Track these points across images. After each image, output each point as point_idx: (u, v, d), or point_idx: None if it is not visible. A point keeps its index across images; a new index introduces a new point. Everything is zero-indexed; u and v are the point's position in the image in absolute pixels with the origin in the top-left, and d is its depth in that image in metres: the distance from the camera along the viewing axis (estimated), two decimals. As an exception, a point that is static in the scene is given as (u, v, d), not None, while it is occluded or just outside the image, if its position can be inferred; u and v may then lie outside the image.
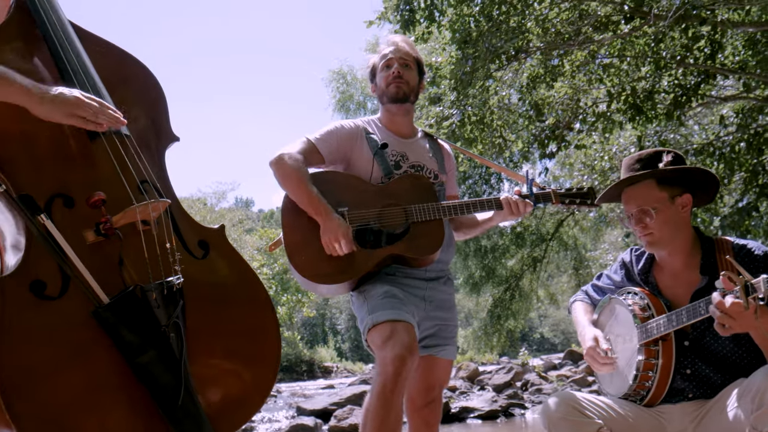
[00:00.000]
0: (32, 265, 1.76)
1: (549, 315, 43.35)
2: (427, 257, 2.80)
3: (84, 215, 1.86)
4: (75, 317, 1.78)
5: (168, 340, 1.82)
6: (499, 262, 19.66)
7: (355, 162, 2.94)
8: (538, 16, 8.55)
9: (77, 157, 1.96)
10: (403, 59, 3.00)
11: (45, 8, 2.05)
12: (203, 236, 2.19)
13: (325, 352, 34.47)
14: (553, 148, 9.58)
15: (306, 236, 2.77)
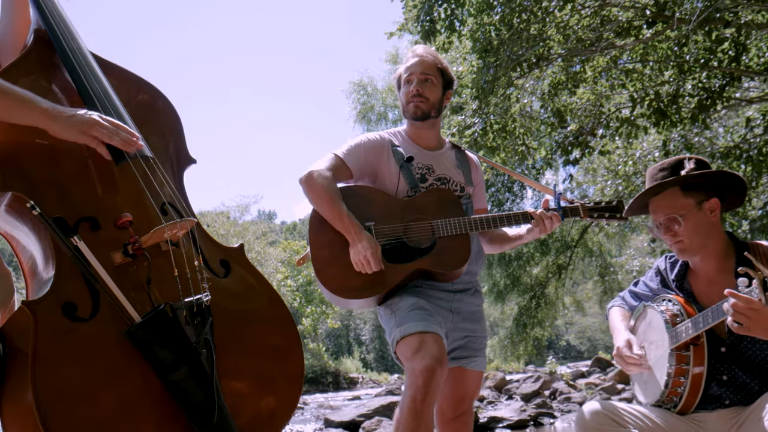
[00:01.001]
0: (63, 287, 1.78)
1: (575, 322, 42.88)
2: (453, 272, 2.79)
3: (110, 238, 1.89)
4: (106, 337, 1.80)
5: (199, 356, 1.83)
6: (524, 269, 19.54)
7: (382, 175, 2.94)
8: (559, 23, 8.53)
9: (102, 180, 1.99)
10: (424, 74, 2.97)
11: (65, 37, 2.08)
12: (224, 255, 2.21)
13: (351, 363, 34.41)
14: (576, 154, 9.53)
15: (333, 251, 2.79)
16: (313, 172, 2.83)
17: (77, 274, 1.81)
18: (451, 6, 9.08)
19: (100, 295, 1.81)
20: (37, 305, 1.72)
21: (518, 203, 17.03)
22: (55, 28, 2.08)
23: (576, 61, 9.22)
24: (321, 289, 2.83)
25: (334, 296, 2.78)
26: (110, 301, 1.80)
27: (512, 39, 8.31)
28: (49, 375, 1.68)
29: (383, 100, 24.88)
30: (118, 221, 1.90)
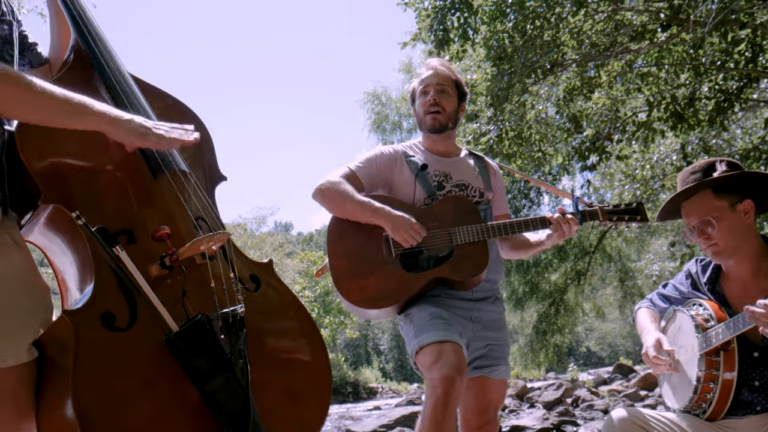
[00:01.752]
0: (101, 298, 1.81)
1: (595, 328, 42.58)
2: (471, 280, 2.78)
3: (147, 250, 1.91)
4: (143, 347, 1.82)
5: (234, 367, 1.85)
6: (542, 276, 19.47)
7: (397, 186, 2.95)
8: (573, 29, 8.52)
9: (138, 194, 2.03)
10: (441, 84, 2.99)
11: (104, 56, 2.14)
12: (254, 270, 2.23)
13: (370, 372, 34.36)
14: (594, 159, 9.49)
15: (351, 261, 2.80)
16: (323, 183, 2.87)
17: (115, 285, 1.84)
18: (464, 14, 9.12)
19: (138, 305, 1.83)
20: (77, 315, 1.74)
21: (535, 210, 16.99)
22: (94, 46, 2.14)
23: (590, 66, 9.21)
24: (340, 300, 2.84)
25: (353, 306, 2.79)
26: (147, 312, 1.83)
27: (526, 46, 8.31)
28: (90, 386, 1.70)
29: (397, 109, 24.95)
30: (156, 234, 1.93)
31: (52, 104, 1.73)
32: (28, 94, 1.71)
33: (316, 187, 2.87)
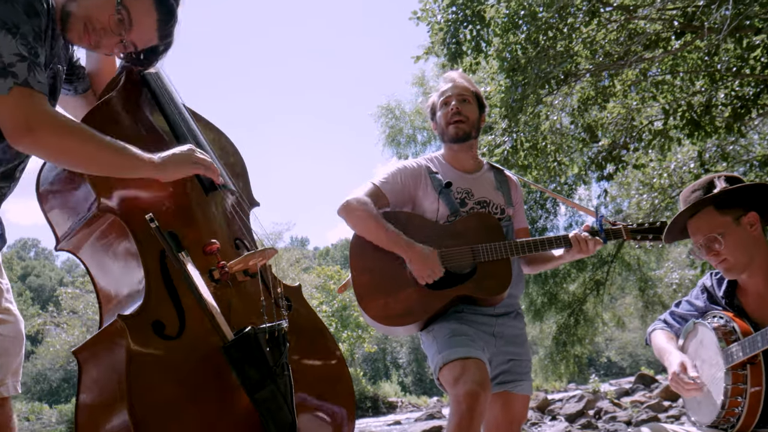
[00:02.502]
0: (152, 306, 1.87)
1: (615, 338, 42.16)
2: (495, 297, 2.79)
3: (196, 264, 1.98)
4: (193, 356, 1.89)
5: (278, 379, 1.90)
6: (561, 287, 19.32)
7: (421, 202, 2.96)
8: (586, 39, 8.51)
9: (191, 209, 2.12)
10: (462, 95, 3.00)
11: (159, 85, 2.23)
12: (287, 292, 2.32)
13: (389, 386, 34.25)
14: (610, 169, 9.44)
15: (374, 278, 2.82)
16: (350, 200, 2.86)
17: (164, 294, 1.91)
18: (477, 27, 9.14)
19: (186, 315, 1.90)
20: (129, 320, 1.80)
21: (551, 220, 16.92)
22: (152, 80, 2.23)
23: (605, 75, 9.18)
24: (363, 317, 2.85)
25: (375, 323, 2.80)
26: (195, 321, 1.89)
27: (539, 57, 8.32)
28: (144, 392, 1.75)
29: (411, 122, 24.96)
30: (207, 247, 2.01)
31: (109, 159, 1.84)
32: (88, 150, 1.80)
33: (342, 204, 2.88)
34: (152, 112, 2.22)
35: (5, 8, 1.64)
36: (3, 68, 1.63)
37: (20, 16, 1.66)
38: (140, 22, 1.89)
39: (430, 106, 3.13)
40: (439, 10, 9.22)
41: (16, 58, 1.64)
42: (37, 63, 1.68)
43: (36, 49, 1.69)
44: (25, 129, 1.68)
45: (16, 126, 1.68)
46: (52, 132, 1.72)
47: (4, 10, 1.64)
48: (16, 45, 1.64)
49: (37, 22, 1.70)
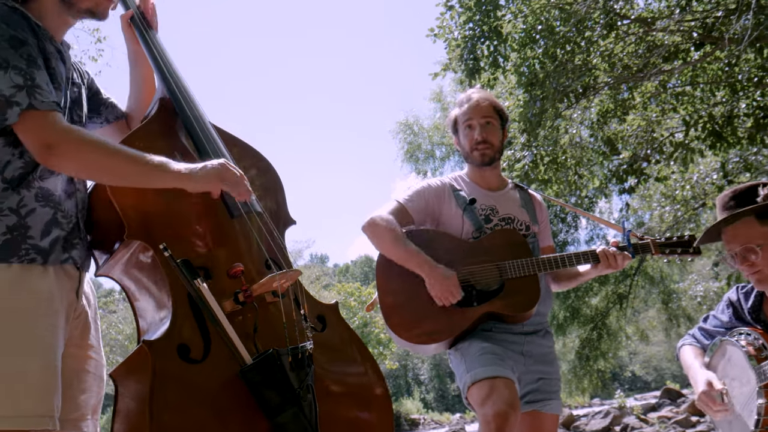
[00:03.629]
0: (177, 330, 1.89)
1: (639, 352, 41.60)
2: (523, 314, 2.77)
3: (221, 287, 1.99)
4: (216, 379, 1.89)
5: (303, 402, 1.89)
6: (583, 300, 19.12)
7: (445, 219, 2.95)
8: (604, 52, 8.50)
9: (214, 233, 2.13)
10: (485, 117, 2.98)
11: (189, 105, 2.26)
12: (321, 311, 2.30)
13: (411, 403, 34.01)
14: (632, 182, 9.37)
15: (400, 297, 2.81)
16: (375, 218, 2.87)
17: (191, 319, 1.92)
18: (494, 42, 9.15)
19: (211, 338, 1.91)
20: (154, 345, 1.83)
21: (572, 233, 16.81)
22: (179, 97, 2.26)
23: (623, 88, 9.15)
24: (391, 335, 2.84)
25: (403, 341, 2.79)
26: (220, 345, 1.89)
27: (557, 71, 8.31)
28: (167, 414, 1.77)
29: (430, 138, 24.98)
30: (231, 271, 2.02)
31: (134, 169, 1.88)
32: (112, 160, 1.85)
33: (367, 221, 2.88)
34: (185, 137, 2.26)
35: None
36: (6, 101, 1.71)
37: (7, 51, 1.74)
38: None
39: (452, 121, 3.12)
40: (456, 27, 9.25)
41: (15, 89, 1.71)
42: (36, 86, 1.74)
43: (31, 74, 1.75)
44: (46, 148, 1.75)
45: (38, 148, 1.75)
46: (72, 146, 1.78)
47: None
48: (11, 78, 1.72)
49: (25, 50, 1.77)
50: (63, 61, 1.97)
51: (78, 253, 1.95)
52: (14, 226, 1.79)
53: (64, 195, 1.93)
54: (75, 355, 1.99)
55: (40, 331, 1.78)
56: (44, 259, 1.83)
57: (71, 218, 1.95)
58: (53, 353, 1.79)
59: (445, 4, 9.20)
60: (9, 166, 1.81)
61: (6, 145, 1.80)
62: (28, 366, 1.73)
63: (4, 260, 1.76)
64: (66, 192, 1.94)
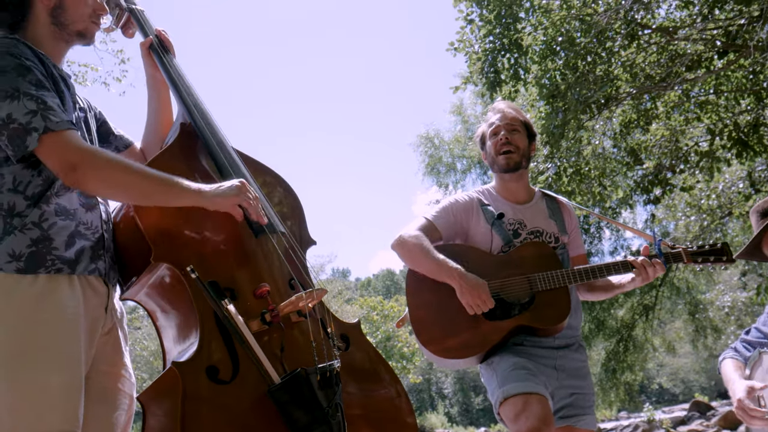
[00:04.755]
0: (206, 351, 1.91)
1: (666, 364, 41.00)
2: (554, 327, 2.75)
3: (247, 307, 2.00)
4: (245, 400, 1.90)
5: (331, 420, 1.89)
6: (608, 312, 18.90)
7: (474, 235, 2.95)
8: (625, 62, 8.46)
9: (239, 254, 2.14)
10: (511, 124, 3.00)
11: (209, 128, 2.30)
12: (344, 330, 2.31)
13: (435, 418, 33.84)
14: (657, 192, 9.29)
15: (430, 312, 2.81)
16: (403, 234, 2.89)
17: (219, 340, 1.93)
18: (514, 55, 9.17)
19: (239, 359, 1.92)
20: (184, 367, 1.84)
21: (596, 244, 16.64)
22: (200, 121, 2.29)
23: (646, 98, 9.10)
24: (422, 350, 2.84)
25: (434, 356, 2.78)
26: (248, 365, 1.90)
27: (579, 82, 8.29)
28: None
29: (451, 151, 24.97)
30: (257, 291, 2.03)
31: (154, 187, 1.92)
32: (133, 178, 1.89)
33: (396, 239, 2.90)
34: (207, 160, 2.28)
35: (0, 79, 1.79)
36: (24, 128, 1.76)
37: (15, 80, 1.80)
38: None
39: (480, 137, 3.13)
40: (477, 41, 9.29)
41: (30, 115, 1.77)
42: (49, 108, 1.80)
43: (42, 97, 1.80)
44: (70, 168, 1.80)
45: (62, 168, 1.80)
46: (94, 164, 1.83)
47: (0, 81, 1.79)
48: (24, 105, 1.77)
49: (32, 76, 1.83)
50: (67, 86, 2.03)
51: (104, 266, 1.99)
52: (38, 239, 1.84)
53: (82, 209, 1.97)
54: (108, 373, 2.02)
55: (64, 345, 1.81)
56: (71, 269, 1.88)
57: (96, 229, 1.99)
58: (77, 367, 1.82)
59: (465, 18, 9.24)
60: (30, 184, 1.87)
61: (25, 168, 1.86)
62: (52, 380, 1.76)
63: (31, 272, 1.81)
64: (85, 205, 1.98)
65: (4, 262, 1.79)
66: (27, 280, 1.80)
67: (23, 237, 1.83)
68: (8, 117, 1.77)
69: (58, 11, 2.02)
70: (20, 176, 1.87)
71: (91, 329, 1.92)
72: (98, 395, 1.96)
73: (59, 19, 2.03)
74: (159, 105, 2.46)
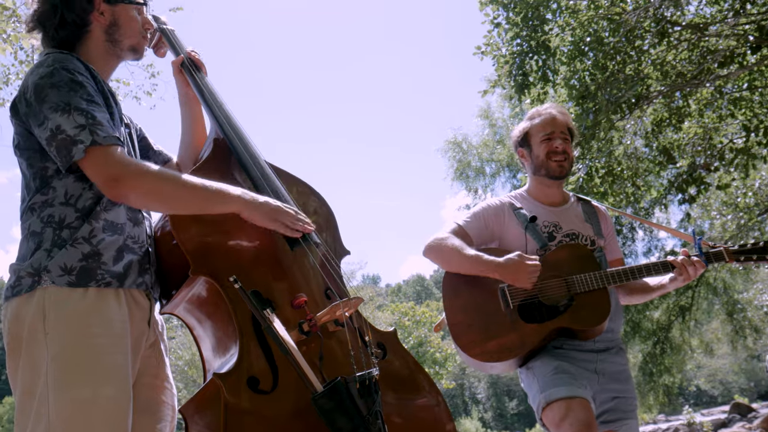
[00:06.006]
0: (246, 363, 1.93)
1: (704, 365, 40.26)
2: (594, 329, 2.71)
3: (285, 317, 2.01)
4: (285, 410, 1.92)
5: (372, 427, 1.89)
6: (644, 314, 18.63)
7: (507, 239, 2.93)
8: (655, 61, 8.36)
9: (276, 265, 2.16)
10: (564, 133, 2.98)
11: (242, 143, 2.33)
12: (381, 338, 2.31)
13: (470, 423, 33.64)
14: (692, 191, 9.15)
15: (468, 316, 2.79)
16: (434, 239, 2.89)
17: (258, 350, 1.96)
18: (542, 57, 9.11)
19: (279, 370, 1.94)
20: (225, 378, 1.86)
21: (629, 246, 16.44)
22: (233, 136, 2.32)
23: (678, 96, 8.98)
24: (460, 355, 2.82)
25: (473, 360, 2.77)
26: (287, 375, 1.92)
27: (609, 82, 8.20)
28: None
29: (479, 155, 24.86)
30: (295, 301, 2.05)
31: (197, 194, 1.96)
32: (173, 188, 1.94)
33: (427, 244, 2.90)
34: (241, 175, 2.31)
35: (54, 94, 1.86)
36: (72, 140, 1.82)
37: (67, 94, 1.86)
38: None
39: (522, 134, 3.07)
40: (504, 44, 9.25)
41: (78, 129, 1.82)
42: (98, 123, 1.85)
43: (92, 112, 1.86)
44: (113, 182, 1.85)
45: (104, 181, 1.85)
46: (136, 177, 1.87)
47: (53, 96, 1.85)
48: (74, 119, 1.83)
49: (84, 92, 1.89)
50: (115, 102, 2.08)
51: (150, 279, 2.04)
52: (89, 254, 1.89)
53: (130, 223, 2.02)
54: (152, 385, 2.06)
55: (114, 358, 1.85)
56: (120, 283, 1.93)
57: (142, 244, 2.04)
58: (126, 380, 1.86)
59: (491, 22, 9.21)
60: (81, 198, 1.93)
61: (77, 180, 1.92)
62: (103, 393, 1.80)
63: (81, 285, 1.86)
64: (132, 219, 2.03)
65: (57, 275, 1.85)
66: (78, 294, 1.85)
67: (75, 251, 1.88)
68: (57, 128, 1.83)
69: (113, 29, 2.10)
70: (72, 189, 1.93)
71: (135, 343, 1.96)
72: (143, 407, 1.99)
73: (114, 36, 2.10)
74: (192, 121, 2.50)
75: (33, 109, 1.88)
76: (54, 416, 1.75)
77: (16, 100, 1.94)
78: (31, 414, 1.78)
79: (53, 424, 1.74)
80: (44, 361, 1.79)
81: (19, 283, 1.87)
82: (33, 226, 1.92)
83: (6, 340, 1.87)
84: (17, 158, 2.00)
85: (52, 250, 1.87)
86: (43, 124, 1.85)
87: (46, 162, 1.92)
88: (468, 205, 23.53)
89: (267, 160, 2.37)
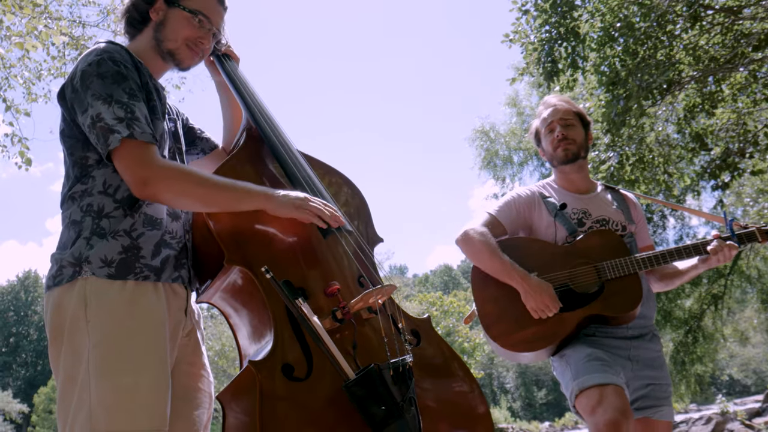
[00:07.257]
0: (281, 350, 1.95)
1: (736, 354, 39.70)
2: (626, 314, 2.70)
3: (318, 305, 2.04)
4: (319, 397, 1.93)
5: (407, 414, 1.90)
6: (675, 303, 18.38)
7: (537, 227, 2.94)
8: (687, 45, 8.21)
9: (308, 254, 2.18)
10: (564, 119, 2.99)
11: (274, 132, 2.35)
12: (414, 325, 2.32)
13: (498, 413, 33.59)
14: (725, 178, 8.99)
15: (498, 306, 2.79)
16: (468, 230, 2.88)
17: (293, 339, 1.98)
18: (572, 43, 9.00)
19: (313, 357, 1.96)
20: (260, 365, 1.88)
21: (660, 233, 16.23)
22: (265, 126, 2.35)
23: (710, 81, 8.82)
24: (492, 345, 2.82)
25: (505, 351, 2.77)
26: (321, 363, 1.93)
27: (640, 68, 8.08)
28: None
29: (507, 144, 24.68)
30: (327, 289, 2.06)
31: (223, 194, 1.99)
32: (201, 189, 1.97)
33: (461, 234, 2.91)
34: (273, 164, 2.33)
35: (98, 83, 1.91)
36: (109, 129, 1.87)
37: (111, 86, 1.91)
38: (210, 9, 2.17)
39: (534, 134, 3.13)
40: (532, 31, 9.14)
41: (116, 121, 1.87)
42: (136, 118, 1.90)
43: (132, 107, 1.91)
44: (142, 182, 1.88)
45: (134, 182, 1.89)
46: (164, 180, 1.90)
47: (97, 85, 1.91)
48: (113, 111, 1.88)
49: (127, 85, 1.94)
50: (159, 97, 2.11)
51: (186, 273, 2.08)
52: (128, 247, 1.93)
53: (169, 218, 2.06)
54: (188, 373, 2.10)
55: (153, 348, 1.89)
56: (157, 277, 1.97)
57: (180, 239, 2.08)
58: (165, 369, 1.90)
59: (519, 9, 9.10)
60: (120, 188, 1.97)
61: (115, 171, 1.95)
62: (143, 381, 1.84)
63: (120, 278, 1.90)
64: (171, 215, 2.07)
65: (97, 267, 1.89)
66: (117, 286, 1.89)
67: (115, 243, 1.92)
68: (98, 116, 1.88)
69: (160, 26, 2.14)
70: (110, 179, 1.97)
71: (173, 332, 2.00)
72: (180, 394, 2.03)
73: (158, 34, 2.14)
74: (229, 106, 2.55)
75: (78, 95, 1.93)
76: (96, 403, 1.79)
77: (65, 86, 1.99)
78: (73, 400, 1.82)
79: (95, 411, 1.78)
80: (86, 348, 1.83)
81: (61, 273, 1.91)
82: (73, 215, 1.96)
83: (48, 328, 1.92)
84: (61, 144, 2.05)
85: (91, 239, 1.91)
86: (86, 111, 1.90)
87: (87, 152, 1.97)
88: (496, 194, 23.41)
89: (299, 149, 2.38)
